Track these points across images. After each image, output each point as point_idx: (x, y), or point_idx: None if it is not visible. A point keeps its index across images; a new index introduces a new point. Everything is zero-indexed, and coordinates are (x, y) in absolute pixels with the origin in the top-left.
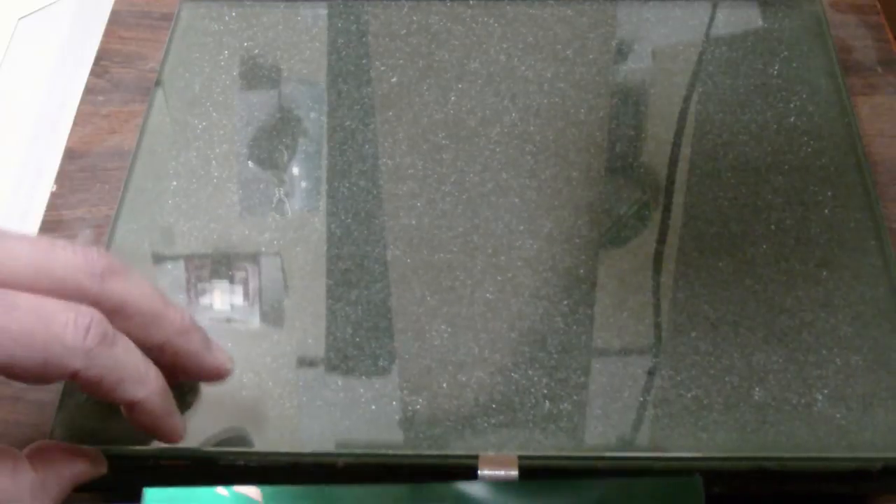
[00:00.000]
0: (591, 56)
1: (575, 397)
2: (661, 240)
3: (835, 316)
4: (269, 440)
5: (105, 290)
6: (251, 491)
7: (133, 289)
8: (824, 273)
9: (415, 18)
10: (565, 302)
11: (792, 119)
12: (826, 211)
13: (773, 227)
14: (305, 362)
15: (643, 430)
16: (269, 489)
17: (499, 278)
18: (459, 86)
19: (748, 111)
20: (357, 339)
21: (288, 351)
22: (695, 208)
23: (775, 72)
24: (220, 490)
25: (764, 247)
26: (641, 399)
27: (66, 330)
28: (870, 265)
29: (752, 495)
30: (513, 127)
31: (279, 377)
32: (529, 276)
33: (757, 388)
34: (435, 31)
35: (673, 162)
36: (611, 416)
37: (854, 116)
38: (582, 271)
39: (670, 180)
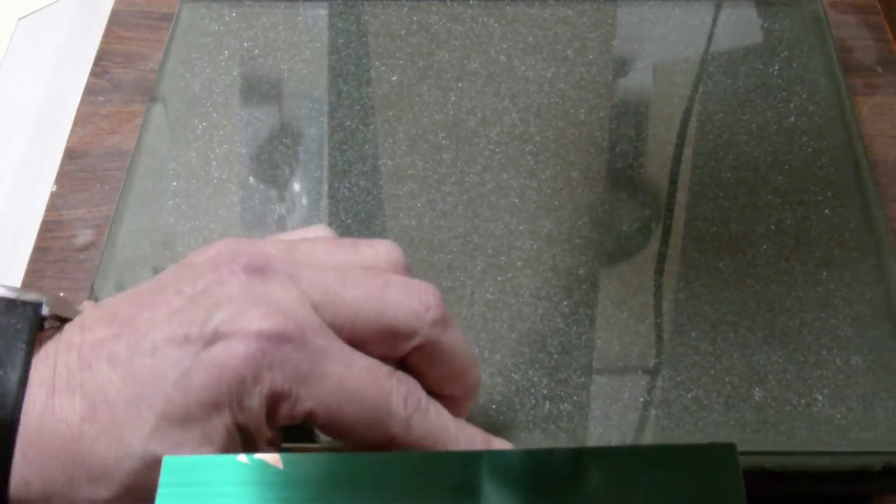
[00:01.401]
0: (591, 56)
1: (575, 398)
2: (662, 240)
3: (835, 316)
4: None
5: (433, 337)
6: (271, 458)
7: (457, 340)
8: (824, 273)
9: (415, 18)
10: (565, 302)
11: (792, 119)
12: (826, 211)
13: (773, 227)
14: None
15: (643, 430)
16: (289, 456)
17: (499, 278)
18: (459, 86)
19: (748, 111)
20: None
21: None
22: (695, 208)
23: (775, 72)
24: (241, 457)
25: (764, 247)
26: (641, 399)
27: (391, 395)
28: (870, 265)
29: (752, 495)
30: (513, 127)
31: None
32: (529, 277)
33: (757, 389)
34: (435, 31)
35: (673, 162)
36: (611, 417)
37: (855, 116)
38: (582, 271)
39: (670, 180)
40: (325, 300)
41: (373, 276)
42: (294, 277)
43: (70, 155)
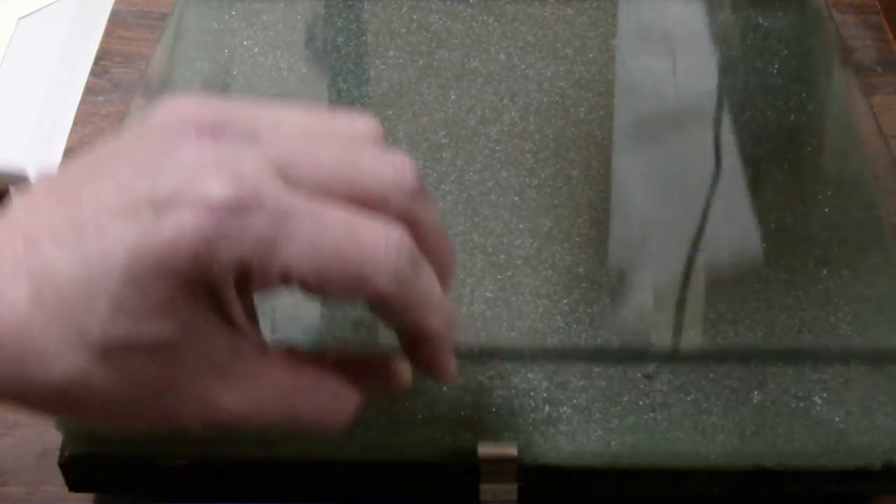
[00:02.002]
0: (590, 55)
1: (574, 399)
2: (662, 239)
3: (834, 316)
4: (273, 443)
5: (411, 211)
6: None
7: (434, 217)
8: (824, 272)
9: (414, 17)
10: (565, 301)
11: (792, 117)
12: (826, 209)
13: (772, 225)
14: None
15: (643, 432)
16: None
17: (498, 277)
18: (459, 84)
19: (748, 110)
20: (357, 340)
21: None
22: (695, 208)
23: (776, 70)
24: None
25: (764, 244)
26: (641, 402)
27: (377, 248)
28: (870, 264)
29: (752, 495)
30: (512, 125)
31: None
32: (529, 275)
33: (756, 391)
34: (435, 29)
35: (673, 161)
36: (610, 419)
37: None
38: (582, 270)
39: (670, 179)
40: (290, 163)
41: (345, 143)
42: (254, 138)
43: (70, 155)
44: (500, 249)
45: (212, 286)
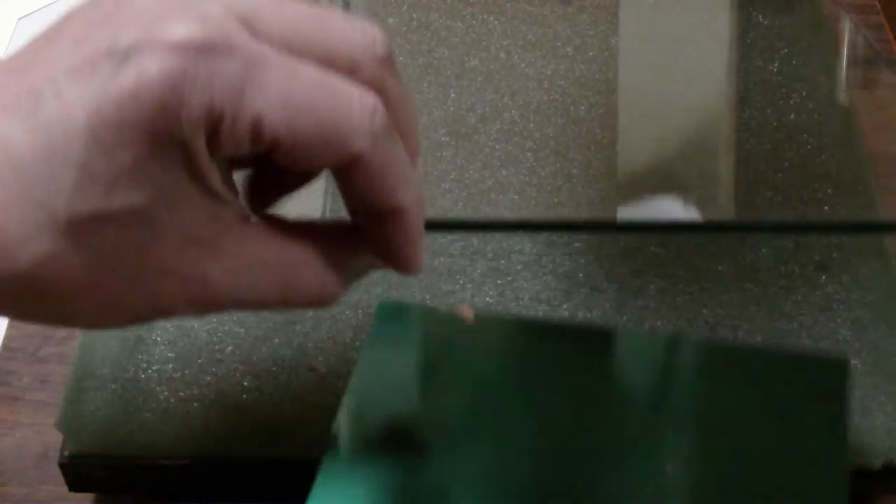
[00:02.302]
0: (590, 53)
1: None
2: (661, 241)
3: (833, 320)
4: (269, 442)
5: (381, 80)
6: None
7: (405, 90)
8: (823, 277)
9: (414, 16)
10: (564, 306)
11: (792, 116)
12: (826, 209)
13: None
14: (304, 365)
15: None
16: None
17: (498, 281)
18: (459, 83)
19: (748, 109)
20: (357, 344)
21: (288, 354)
22: (694, 209)
23: (775, 68)
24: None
25: (763, 249)
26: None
27: (351, 106)
28: (869, 267)
29: None
30: (512, 124)
31: (279, 381)
32: (529, 280)
33: None
34: (435, 28)
35: (673, 160)
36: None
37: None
38: (582, 274)
39: (670, 179)
40: (255, 16)
41: (313, 4)
42: None
43: None
44: (500, 254)
45: (183, 144)
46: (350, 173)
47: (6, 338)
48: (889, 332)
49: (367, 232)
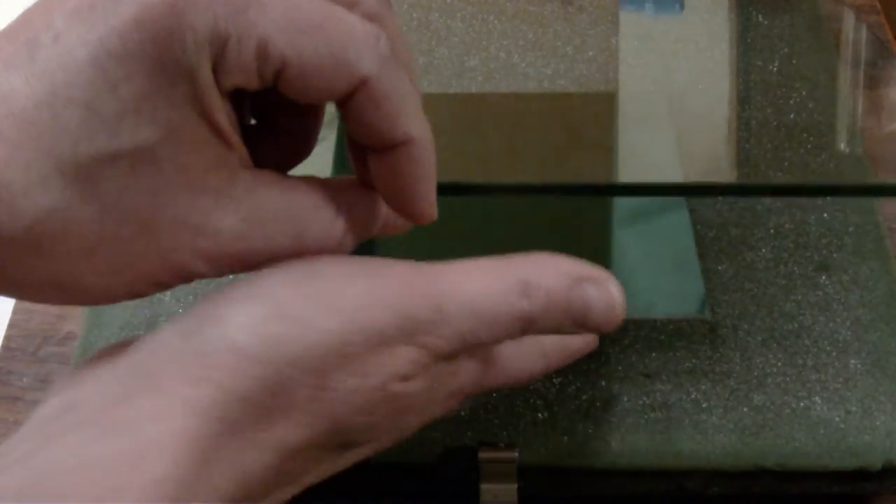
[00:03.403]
0: (590, 53)
1: (574, 401)
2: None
3: (833, 320)
4: None
5: (380, 16)
6: None
7: (401, 31)
8: (823, 277)
9: (414, 15)
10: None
11: (792, 116)
12: (825, 215)
13: (772, 230)
14: None
15: (643, 432)
16: None
17: None
18: (459, 82)
19: (748, 108)
20: None
21: None
22: (694, 210)
23: (775, 68)
24: None
25: (763, 250)
26: (641, 402)
27: (355, 30)
28: (869, 268)
29: (751, 495)
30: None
31: None
32: None
33: (756, 392)
34: (435, 27)
35: (672, 160)
36: (610, 420)
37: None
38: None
39: (670, 179)
40: None
41: None
42: None
43: None
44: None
45: (189, 73)
46: (358, 101)
47: (6, 338)
48: (889, 332)
49: (377, 176)
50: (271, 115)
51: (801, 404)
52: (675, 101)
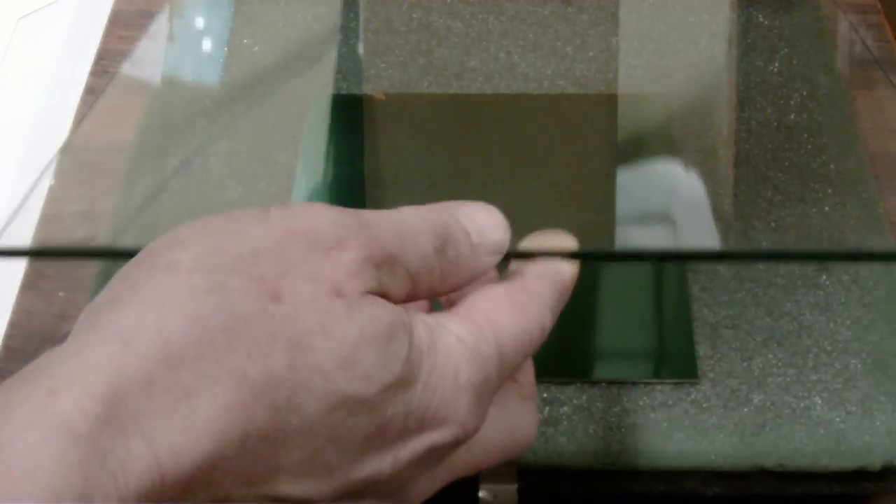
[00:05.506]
0: (590, 54)
1: (575, 401)
2: (667, 239)
3: (833, 320)
4: None
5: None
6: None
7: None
8: (823, 277)
9: (415, 16)
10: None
11: (792, 116)
12: (826, 209)
13: (772, 224)
14: None
15: (643, 432)
16: None
17: None
18: (459, 83)
19: (748, 108)
20: None
21: None
22: (694, 210)
23: (775, 69)
24: None
25: (764, 245)
26: (641, 402)
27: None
28: (869, 267)
29: (751, 496)
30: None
31: None
32: None
33: (756, 392)
34: (435, 28)
35: (673, 160)
36: (610, 419)
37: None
38: (581, 273)
39: (670, 179)
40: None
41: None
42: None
43: (69, 150)
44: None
45: None
46: None
47: (6, 338)
48: (889, 332)
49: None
50: None
51: (801, 404)
52: (674, 102)
